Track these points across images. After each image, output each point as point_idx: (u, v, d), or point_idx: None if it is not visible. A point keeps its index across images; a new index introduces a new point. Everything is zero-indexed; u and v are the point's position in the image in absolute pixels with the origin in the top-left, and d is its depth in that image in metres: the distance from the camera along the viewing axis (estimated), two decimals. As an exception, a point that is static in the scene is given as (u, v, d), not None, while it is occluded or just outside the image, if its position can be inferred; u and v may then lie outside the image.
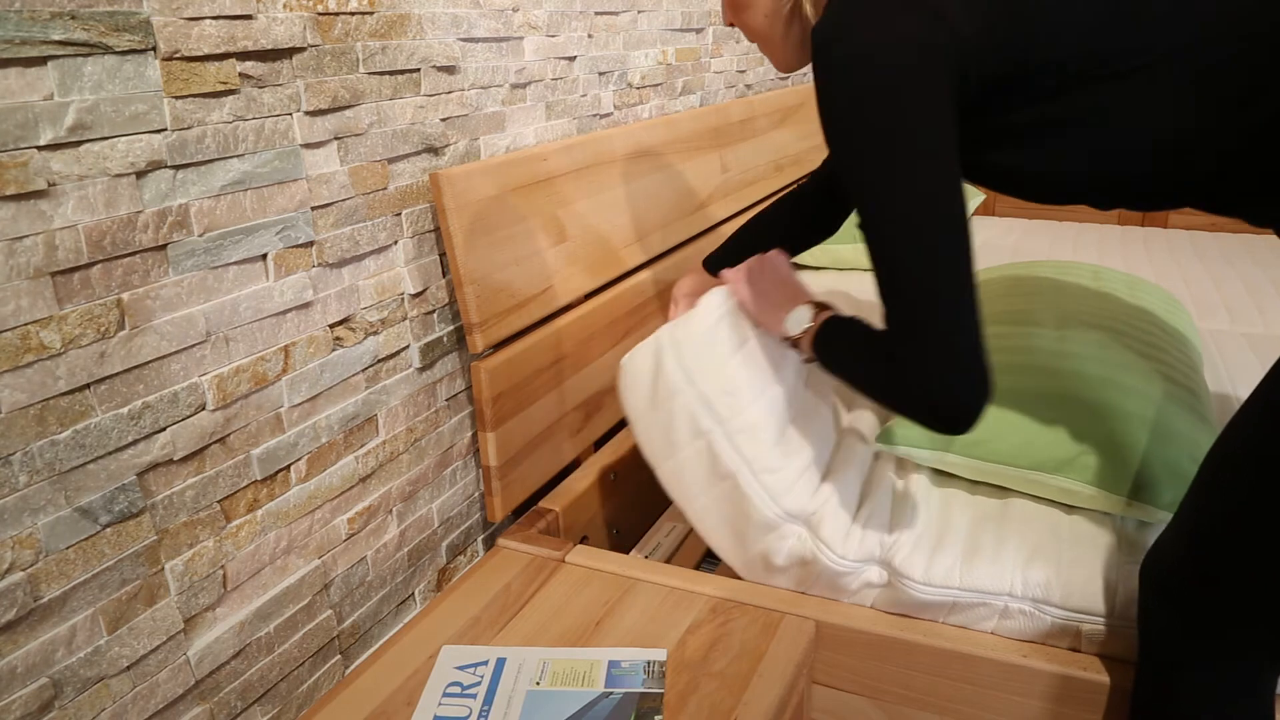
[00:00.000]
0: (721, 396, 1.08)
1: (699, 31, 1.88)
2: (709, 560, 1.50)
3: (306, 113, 0.98)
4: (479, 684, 0.99)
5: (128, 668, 0.86)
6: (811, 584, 1.11)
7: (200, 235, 0.88)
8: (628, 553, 1.49)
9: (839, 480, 1.13)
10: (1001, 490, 1.17)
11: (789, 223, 1.28)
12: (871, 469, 1.22)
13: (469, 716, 0.95)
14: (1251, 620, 0.79)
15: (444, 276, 1.22)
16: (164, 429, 0.87)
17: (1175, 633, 0.84)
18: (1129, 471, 1.06)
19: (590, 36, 1.49)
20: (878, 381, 0.84)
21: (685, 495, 1.13)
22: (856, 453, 1.21)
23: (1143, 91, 0.77)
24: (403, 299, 1.15)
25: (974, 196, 2.61)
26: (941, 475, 1.21)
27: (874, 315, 0.94)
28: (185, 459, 0.89)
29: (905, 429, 1.17)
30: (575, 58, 1.46)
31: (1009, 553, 1.04)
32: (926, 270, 0.77)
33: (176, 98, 0.84)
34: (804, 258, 2.20)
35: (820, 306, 1.02)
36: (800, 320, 1.02)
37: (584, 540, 1.40)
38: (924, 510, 1.12)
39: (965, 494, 1.17)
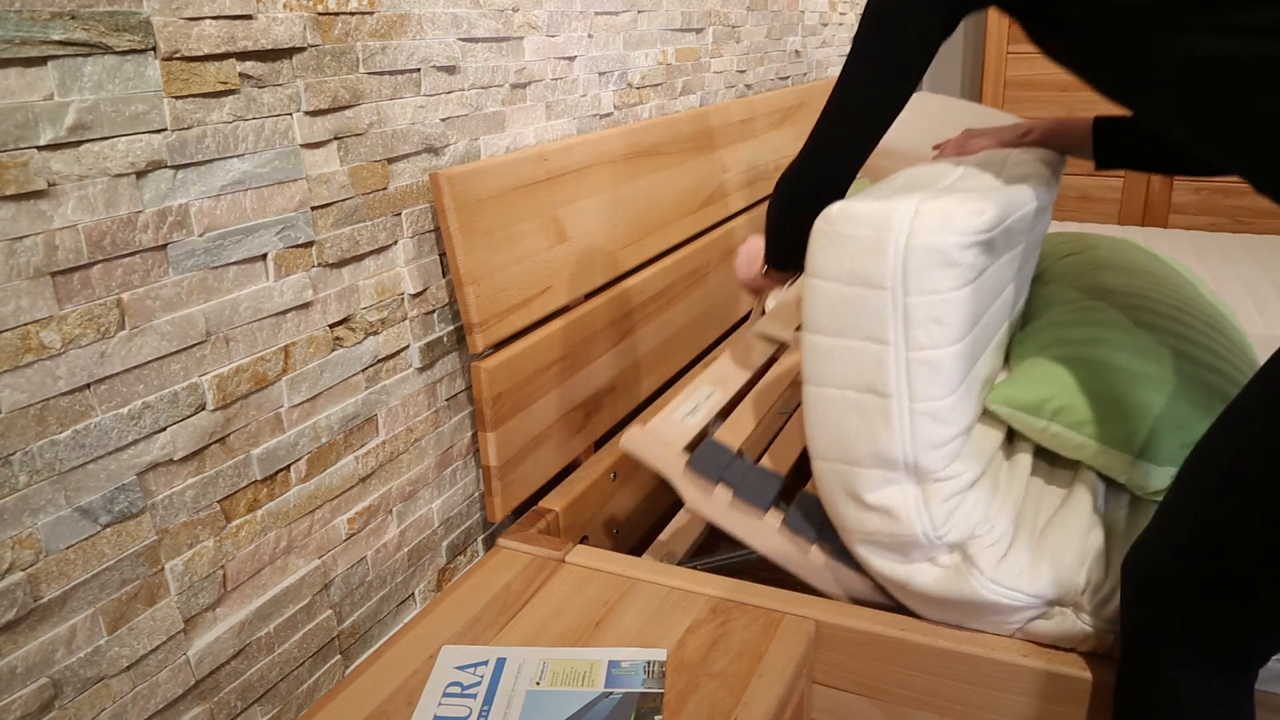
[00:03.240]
0: (927, 323, 0.96)
1: (699, 31, 1.88)
2: (730, 545, 1.50)
3: (306, 113, 0.98)
4: (479, 684, 0.99)
5: (128, 668, 0.86)
6: (879, 533, 1.04)
7: (200, 235, 0.88)
8: (629, 553, 1.49)
9: (970, 461, 1.05)
10: (1068, 476, 1.15)
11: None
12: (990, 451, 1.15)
13: (469, 716, 0.95)
14: (1233, 616, 0.79)
15: (444, 276, 1.22)
16: (164, 429, 0.87)
17: (1157, 628, 0.85)
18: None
19: (590, 36, 1.49)
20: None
21: (819, 377, 1.03)
22: (991, 439, 1.14)
23: None
24: (403, 299, 1.15)
25: None
26: (1023, 455, 1.18)
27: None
28: (185, 459, 0.89)
29: (1013, 389, 1.12)
30: (575, 58, 1.46)
31: (1069, 557, 1.01)
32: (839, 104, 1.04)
33: (176, 98, 0.84)
34: None
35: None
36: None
37: (584, 540, 1.40)
38: (1010, 501, 1.07)
39: (1040, 481, 1.14)
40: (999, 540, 1.02)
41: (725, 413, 1.68)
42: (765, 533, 1.17)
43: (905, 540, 1.02)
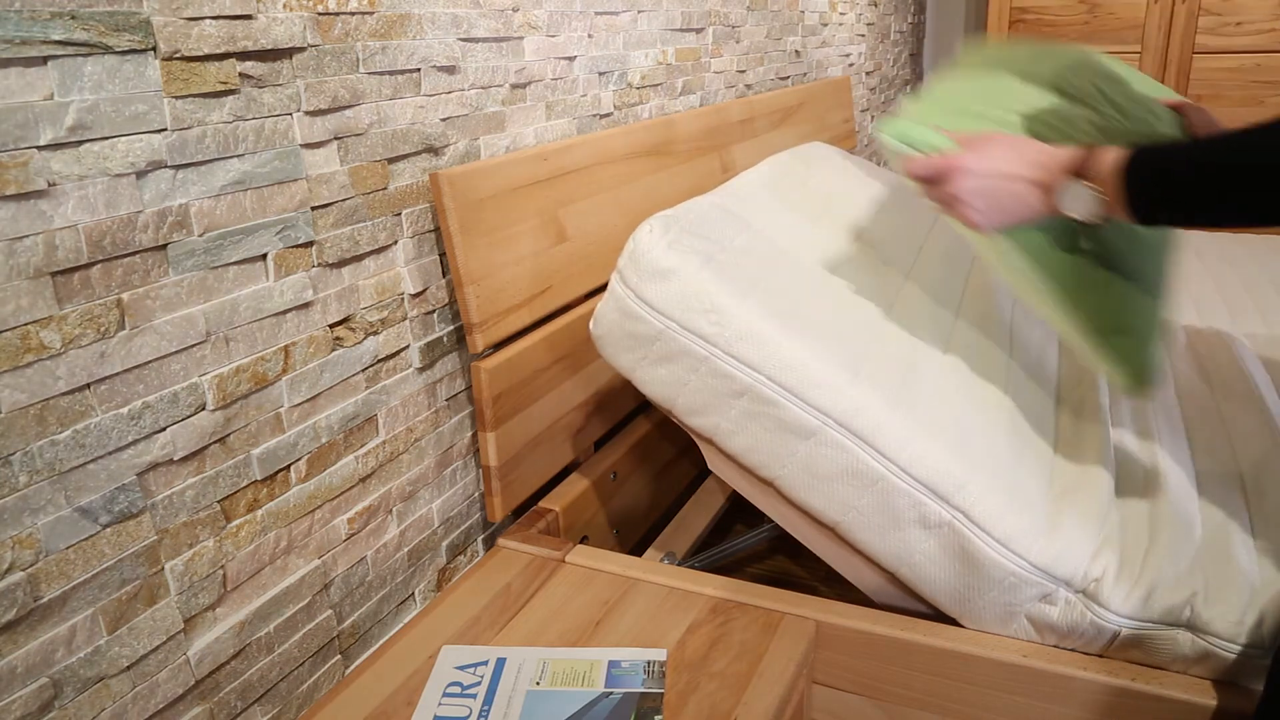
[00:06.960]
0: (703, 314, 1.04)
1: (699, 31, 1.88)
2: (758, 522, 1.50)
3: (306, 113, 0.98)
4: (479, 684, 0.99)
5: (128, 668, 0.86)
6: (837, 481, 1.01)
7: (200, 235, 0.88)
8: (629, 553, 1.49)
9: (882, 363, 1.01)
10: (1079, 451, 1.13)
11: None
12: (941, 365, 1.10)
13: (469, 716, 0.95)
14: None
15: (444, 276, 1.22)
16: (164, 429, 0.87)
17: None
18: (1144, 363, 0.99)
19: (590, 36, 1.49)
20: None
21: (709, 424, 1.09)
22: (915, 348, 1.09)
23: None
24: (403, 299, 1.15)
25: None
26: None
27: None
28: (185, 459, 0.89)
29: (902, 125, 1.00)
30: (575, 58, 1.46)
31: (1081, 536, 0.98)
32: None
33: (176, 98, 0.84)
34: None
35: (1086, 155, 0.84)
36: (1078, 193, 0.84)
37: (584, 540, 1.40)
38: (1007, 452, 1.01)
39: (1048, 446, 1.12)
40: (994, 489, 0.98)
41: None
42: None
43: (874, 482, 1.02)
